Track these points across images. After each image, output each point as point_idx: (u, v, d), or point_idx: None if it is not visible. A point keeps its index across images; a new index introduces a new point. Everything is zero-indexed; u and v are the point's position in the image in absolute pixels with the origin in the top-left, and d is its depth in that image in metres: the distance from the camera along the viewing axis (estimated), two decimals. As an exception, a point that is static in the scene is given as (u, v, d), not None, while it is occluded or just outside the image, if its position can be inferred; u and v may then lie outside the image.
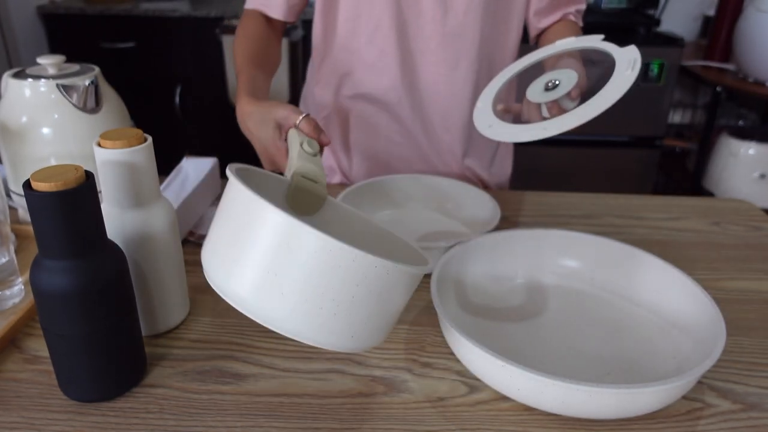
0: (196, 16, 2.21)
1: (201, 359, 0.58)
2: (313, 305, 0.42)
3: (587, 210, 0.91)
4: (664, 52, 2.09)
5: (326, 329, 0.43)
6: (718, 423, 0.52)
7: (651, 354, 0.58)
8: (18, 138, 0.72)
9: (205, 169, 0.86)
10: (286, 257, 0.42)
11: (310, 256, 0.41)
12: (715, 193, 2.19)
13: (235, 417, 0.51)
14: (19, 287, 0.65)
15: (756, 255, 0.79)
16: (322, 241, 0.41)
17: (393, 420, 0.51)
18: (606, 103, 0.60)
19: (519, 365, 0.48)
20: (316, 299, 0.42)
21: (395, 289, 0.45)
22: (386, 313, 0.46)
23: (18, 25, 2.19)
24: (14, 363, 0.57)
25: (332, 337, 0.44)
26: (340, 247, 0.41)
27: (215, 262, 0.46)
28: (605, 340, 0.60)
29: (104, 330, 0.50)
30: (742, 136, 2.15)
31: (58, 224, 0.45)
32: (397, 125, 0.95)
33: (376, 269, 0.43)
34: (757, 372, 0.58)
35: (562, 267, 0.68)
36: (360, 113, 0.95)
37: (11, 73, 0.74)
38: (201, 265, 0.48)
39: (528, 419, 0.52)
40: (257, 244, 0.43)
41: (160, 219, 0.56)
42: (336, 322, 0.43)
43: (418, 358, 0.59)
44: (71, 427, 0.50)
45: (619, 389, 0.46)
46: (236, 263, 0.44)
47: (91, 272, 0.48)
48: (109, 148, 0.52)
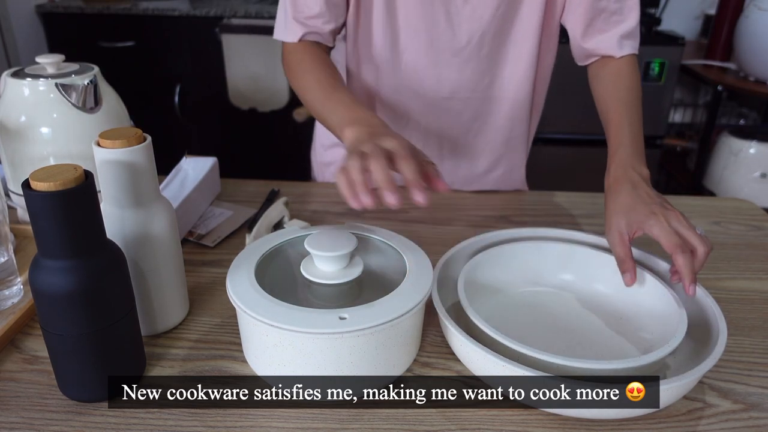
0: (196, 15, 2.21)
1: (201, 359, 0.58)
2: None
3: (587, 210, 0.91)
4: (665, 51, 2.08)
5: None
6: (718, 423, 0.52)
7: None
8: (17, 137, 0.72)
9: (205, 169, 0.86)
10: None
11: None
12: (716, 193, 2.19)
13: (234, 417, 0.51)
14: (18, 287, 0.65)
15: (757, 255, 0.79)
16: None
17: (393, 420, 0.51)
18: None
19: (519, 365, 0.48)
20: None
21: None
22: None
23: (17, 24, 2.19)
24: (13, 363, 0.57)
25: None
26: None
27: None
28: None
29: (104, 330, 0.49)
30: (742, 136, 2.15)
31: (57, 224, 0.45)
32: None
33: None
34: (758, 372, 0.58)
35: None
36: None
37: (10, 73, 0.74)
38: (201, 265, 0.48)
39: (528, 419, 0.51)
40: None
41: (160, 219, 0.56)
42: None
43: (418, 358, 0.58)
44: (70, 427, 0.50)
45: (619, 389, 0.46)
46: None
47: (90, 272, 0.47)
48: (109, 148, 0.52)
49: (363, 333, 0.49)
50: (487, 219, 0.87)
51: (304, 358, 0.50)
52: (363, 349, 0.50)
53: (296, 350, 0.50)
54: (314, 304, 0.53)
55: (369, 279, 0.58)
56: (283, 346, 0.50)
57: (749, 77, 2.07)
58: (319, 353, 0.50)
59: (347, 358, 0.50)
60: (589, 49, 0.85)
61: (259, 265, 0.57)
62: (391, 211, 0.91)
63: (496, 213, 0.90)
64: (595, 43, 0.84)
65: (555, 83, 1.00)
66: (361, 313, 0.49)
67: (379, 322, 0.49)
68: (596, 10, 0.82)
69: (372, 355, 0.51)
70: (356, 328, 0.48)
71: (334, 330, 0.48)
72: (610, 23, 0.83)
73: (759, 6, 1.96)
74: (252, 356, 0.55)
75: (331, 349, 0.49)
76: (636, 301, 0.62)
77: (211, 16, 2.20)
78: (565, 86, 2.19)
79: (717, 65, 2.21)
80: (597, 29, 0.84)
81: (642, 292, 0.62)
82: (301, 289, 0.56)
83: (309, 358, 0.50)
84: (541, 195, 0.96)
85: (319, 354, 0.50)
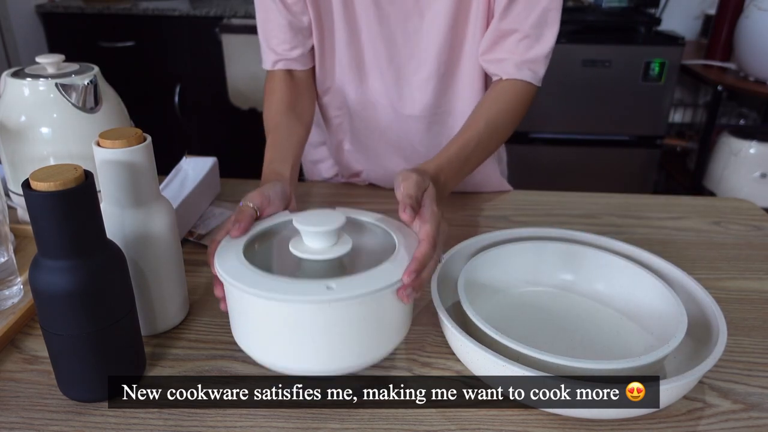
0: (196, 15, 2.21)
1: (201, 359, 0.58)
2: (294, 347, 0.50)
3: (587, 210, 0.91)
4: (665, 51, 2.08)
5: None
6: (718, 423, 0.52)
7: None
8: (17, 137, 0.72)
9: (205, 169, 0.86)
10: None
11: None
12: (716, 193, 2.19)
13: (234, 417, 0.51)
14: (18, 287, 0.65)
15: (757, 254, 0.79)
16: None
17: (393, 420, 0.51)
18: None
19: (519, 365, 0.48)
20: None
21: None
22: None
23: (17, 24, 2.19)
24: (13, 363, 0.57)
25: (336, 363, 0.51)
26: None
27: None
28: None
29: (103, 330, 0.49)
30: (742, 136, 2.15)
31: (57, 224, 0.45)
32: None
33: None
34: (758, 372, 0.58)
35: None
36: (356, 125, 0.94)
37: (10, 73, 0.74)
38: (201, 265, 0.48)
39: (528, 419, 0.51)
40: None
41: (160, 219, 0.56)
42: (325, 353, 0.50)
43: (418, 358, 0.58)
44: (70, 427, 0.50)
45: (619, 389, 0.46)
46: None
47: (90, 272, 0.47)
48: (109, 148, 0.52)
49: (351, 302, 0.48)
50: (487, 219, 0.87)
51: (291, 330, 0.49)
52: (350, 320, 0.49)
53: (284, 322, 0.49)
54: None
55: (358, 256, 0.57)
56: (271, 318, 0.49)
57: (749, 77, 2.07)
58: (308, 324, 0.49)
59: (335, 329, 0.49)
60: (490, 65, 0.81)
61: (248, 245, 0.55)
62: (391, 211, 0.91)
63: (496, 213, 0.90)
64: (496, 65, 0.80)
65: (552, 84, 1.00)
66: (348, 282, 0.49)
67: (366, 290, 0.48)
68: (502, 31, 0.78)
69: (359, 327, 0.50)
70: (343, 296, 0.47)
71: (321, 298, 0.47)
72: (519, 47, 0.78)
73: (759, 6, 1.96)
74: (242, 335, 0.54)
75: (319, 319, 0.48)
76: (636, 301, 0.62)
77: (211, 16, 2.20)
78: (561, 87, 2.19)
79: (717, 65, 2.21)
80: (503, 49, 0.79)
81: (642, 292, 0.62)
82: (289, 267, 0.55)
83: (297, 330, 0.49)
84: (540, 195, 0.96)
85: (308, 325, 0.49)
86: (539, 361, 0.49)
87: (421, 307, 0.66)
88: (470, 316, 0.54)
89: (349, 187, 0.99)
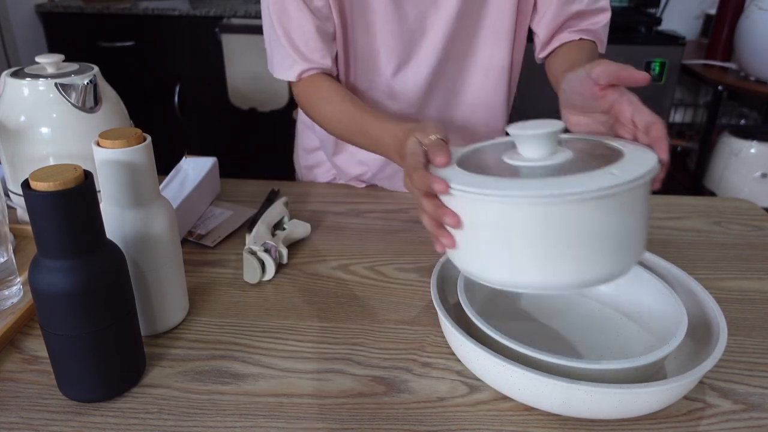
0: (196, 15, 2.21)
1: (200, 359, 0.58)
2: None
3: (588, 209, 0.90)
4: (665, 50, 2.08)
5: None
6: (719, 423, 0.51)
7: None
8: (16, 137, 0.72)
9: (205, 169, 0.86)
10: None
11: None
12: (717, 193, 2.19)
13: (234, 417, 0.51)
14: (18, 287, 0.65)
15: (757, 255, 0.79)
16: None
17: (393, 420, 0.51)
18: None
19: (519, 365, 0.48)
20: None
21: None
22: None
23: (16, 24, 2.19)
24: (13, 363, 0.57)
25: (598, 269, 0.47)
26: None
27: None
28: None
29: (103, 330, 0.49)
30: (743, 136, 2.14)
31: (57, 224, 0.45)
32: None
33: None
34: (759, 372, 0.57)
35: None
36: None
37: (10, 72, 0.74)
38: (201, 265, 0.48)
39: (528, 419, 0.51)
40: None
41: (160, 219, 0.56)
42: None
43: (418, 358, 0.58)
44: (70, 427, 0.50)
45: (619, 389, 0.46)
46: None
47: (89, 272, 0.47)
48: (108, 148, 0.52)
49: (636, 184, 0.44)
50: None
51: (561, 233, 0.44)
52: (631, 209, 0.45)
53: (557, 223, 0.44)
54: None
55: (581, 162, 0.50)
56: (538, 222, 0.44)
57: (750, 77, 2.07)
58: (587, 221, 0.44)
59: (618, 221, 0.44)
60: (551, 45, 0.85)
61: (459, 165, 0.51)
62: (391, 210, 0.91)
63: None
64: (557, 41, 0.84)
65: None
66: (629, 166, 0.45)
67: (646, 170, 0.44)
68: (566, 14, 0.82)
69: (638, 218, 0.46)
70: (630, 178, 0.43)
71: (604, 185, 0.42)
72: (579, 22, 0.84)
73: (759, 6, 1.95)
74: (490, 257, 0.48)
75: (599, 214, 0.44)
76: (636, 301, 0.62)
77: (211, 16, 2.20)
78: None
79: (717, 65, 2.21)
80: (567, 28, 0.84)
81: (642, 292, 0.61)
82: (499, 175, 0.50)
83: (565, 233, 0.44)
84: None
85: (586, 222, 0.44)
86: (539, 361, 0.49)
87: (420, 307, 0.66)
88: (470, 316, 0.54)
89: (348, 188, 0.99)
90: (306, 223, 0.80)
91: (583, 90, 0.57)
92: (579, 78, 0.58)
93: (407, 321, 0.64)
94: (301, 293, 0.68)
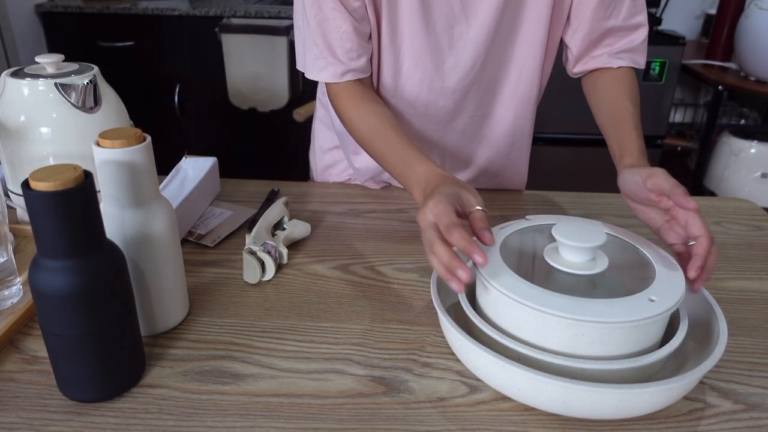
0: (196, 15, 2.20)
1: (200, 359, 0.58)
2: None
3: (587, 209, 0.91)
4: (666, 50, 2.08)
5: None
6: (719, 423, 0.51)
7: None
8: (16, 137, 0.72)
9: (205, 169, 0.86)
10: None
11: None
12: (717, 193, 2.19)
13: (234, 417, 0.51)
14: (18, 287, 0.65)
15: (757, 255, 0.79)
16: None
17: (393, 420, 0.51)
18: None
19: (519, 365, 0.48)
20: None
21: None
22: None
23: (16, 24, 2.19)
24: (13, 363, 0.57)
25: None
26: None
27: None
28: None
29: (103, 330, 0.49)
30: (743, 136, 2.15)
31: (57, 224, 0.45)
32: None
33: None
34: (759, 372, 0.57)
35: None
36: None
37: (9, 72, 0.74)
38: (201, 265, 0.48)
39: (528, 419, 0.51)
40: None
41: (160, 219, 0.56)
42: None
43: (418, 358, 0.58)
44: (70, 427, 0.50)
45: (619, 389, 0.46)
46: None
47: (89, 272, 0.47)
48: (108, 148, 0.52)
49: (662, 316, 0.49)
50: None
51: (607, 346, 0.49)
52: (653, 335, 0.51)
53: (597, 340, 0.49)
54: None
55: (611, 273, 0.55)
56: (583, 336, 0.49)
57: (750, 77, 2.07)
58: (618, 338, 0.49)
59: (639, 337, 0.50)
60: (586, 65, 0.85)
61: (502, 249, 0.57)
62: (391, 211, 0.91)
63: (496, 213, 0.89)
64: (594, 60, 0.84)
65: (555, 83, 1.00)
66: (666, 294, 0.50)
67: (677, 299, 0.50)
68: (601, 30, 0.81)
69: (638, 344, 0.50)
70: (664, 310, 0.48)
71: (645, 316, 0.48)
72: (616, 39, 0.82)
73: (760, 5, 1.96)
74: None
75: (639, 334, 0.50)
76: None
77: (210, 16, 2.19)
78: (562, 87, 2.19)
79: (717, 65, 2.21)
80: (603, 45, 0.83)
81: None
82: (537, 276, 0.55)
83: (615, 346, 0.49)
84: (541, 195, 0.96)
85: (630, 339, 0.49)
86: (539, 361, 0.49)
87: (420, 307, 0.66)
88: (470, 316, 0.54)
89: (348, 188, 0.98)
90: (306, 223, 0.80)
91: (639, 193, 0.62)
92: (635, 183, 0.62)
93: (407, 321, 0.64)
94: (301, 293, 0.68)
